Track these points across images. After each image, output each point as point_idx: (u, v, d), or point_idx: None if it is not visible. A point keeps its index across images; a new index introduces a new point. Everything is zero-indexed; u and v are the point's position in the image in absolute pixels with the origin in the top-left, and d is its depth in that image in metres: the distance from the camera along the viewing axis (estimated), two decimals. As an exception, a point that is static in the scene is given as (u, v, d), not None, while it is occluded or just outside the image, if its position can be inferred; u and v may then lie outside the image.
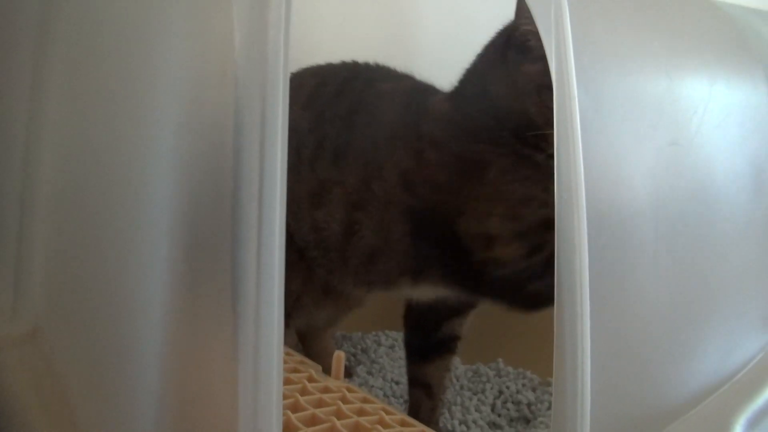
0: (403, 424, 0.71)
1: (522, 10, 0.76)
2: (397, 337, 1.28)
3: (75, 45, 0.49)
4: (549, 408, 1.05)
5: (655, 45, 0.72)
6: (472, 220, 0.79)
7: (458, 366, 1.19)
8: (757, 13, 1.06)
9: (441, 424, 0.99)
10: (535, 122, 0.75)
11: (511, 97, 0.79)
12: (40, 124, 0.49)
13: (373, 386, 1.10)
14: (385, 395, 1.08)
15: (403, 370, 1.12)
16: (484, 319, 1.19)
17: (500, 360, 1.19)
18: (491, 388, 1.11)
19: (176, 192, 0.44)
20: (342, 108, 0.89)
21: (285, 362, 0.82)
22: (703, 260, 0.74)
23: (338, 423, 0.67)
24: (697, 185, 0.73)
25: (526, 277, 0.79)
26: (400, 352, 1.22)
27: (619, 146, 0.64)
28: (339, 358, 0.81)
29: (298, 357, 0.87)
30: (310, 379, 0.78)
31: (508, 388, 1.11)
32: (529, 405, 1.07)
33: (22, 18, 0.54)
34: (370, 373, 1.14)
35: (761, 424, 0.74)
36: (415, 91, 0.90)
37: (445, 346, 0.95)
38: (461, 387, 1.12)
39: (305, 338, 1.12)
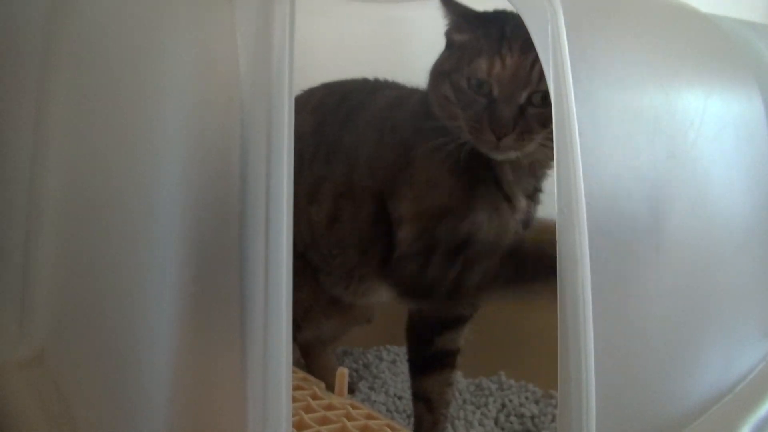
0: (408, 440, 0.71)
1: (447, 10, 0.79)
2: (399, 351, 1.28)
3: (78, 72, 0.49)
4: (552, 421, 1.05)
5: (651, 59, 0.73)
6: (396, 202, 0.82)
7: (460, 380, 1.18)
8: (750, 25, 1.08)
9: (445, 439, 0.99)
10: (433, 109, 0.79)
11: (428, 90, 0.82)
12: (45, 151, 0.49)
13: (375, 401, 1.09)
14: (387, 410, 1.08)
15: (406, 385, 1.12)
16: (484, 332, 1.18)
17: (502, 373, 1.19)
18: (494, 402, 1.11)
19: (184, 214, 0.44)
20: (342, 113, 0.92)
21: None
22: (702, 272, 0.75)
23: (344, 440, 0.67)
24: (696, 197, 0.74)
25: (411, 262, 0.81)
26: (402, 367, 1.21)
27: (618, 159, 0.65)
28: (342, 374, 0.81)
29: (301, 374, 0.87)
30: (314, 397, 0.78)
31: (510, 401, 1.11)
32: (532, 418, 1.07)
33: (27, 40, 0.54)
34: (372, 388, 1.14)
35: (765, 434, 0.74)
36: (408, 93, 0.92)
37: (442, 361, 0.95)
38: (464, 401, 1.12)
39: (308, 355, 1.12)
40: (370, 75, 1.01)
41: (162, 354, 0.44)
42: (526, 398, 1.12)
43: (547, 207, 0.83)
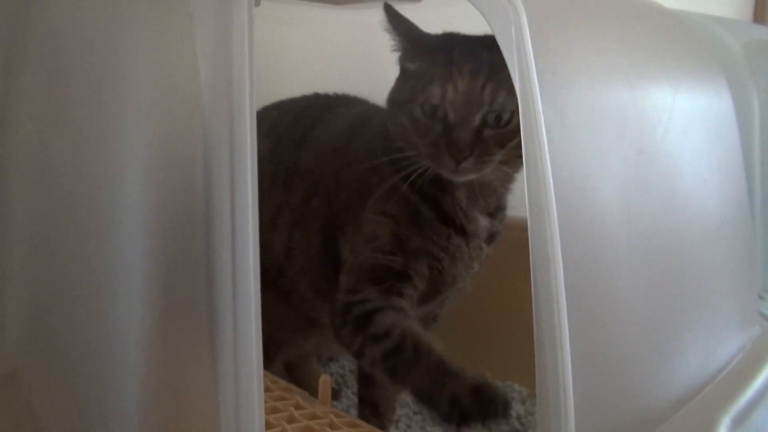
0: (390, 445, 0.71)
1: (397, 36, 0.78)
2: (385, 357, 1.27)
3: (40, 88, 0.49)
4: (539, 420, 1.05)
5: (617, 57, 0.74)
6: (343, 241, 0.81)
7: (447, 383, 1.18)
8: (716, 20, 1.09)
9: (431, 443, 0.99)
10: (395, 141, 0.77)
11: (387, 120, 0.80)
12: (9, 168, 0.49)
13: (362, 408, 1.09)
14: (374, 416, 1.08)
15: (392, 390, 1.12)
16: (469, 333, 1.19)
17: (488, 374, 1.19)
18: (480, 403, 1.11)
19: (149, 228, 0.44)
20: (297, 132, 0.91)
21: (271, 390, 0.82)
22: (677, 265, 0.75)
23: (326, 449, 0.67)
24: (667, 191, 0.75)
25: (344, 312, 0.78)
26: (388, 373, 1.21)
27: (587, 158, 0.65)
28: (325, 382, 0.81)
29: (284, 384, 0.87)
30: (297, 407, 0.78)
31: (497, 402, 1.11)
32: (518, 418, 1.07)
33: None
34: (357, 394, 1.14)
35: (745, 423, 0.75)
36: (368, 112, 0.91)
37: None
38: (450, 404, 1.12)
39: (292, 366, 1.11)
40: (347, 82, 1.01)
41: (133, 369, 0.44)
42: (512, 398, 1.12)
43: (520, 205, 0.83)
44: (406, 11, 1.19)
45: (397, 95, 0.79)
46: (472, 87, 0.71)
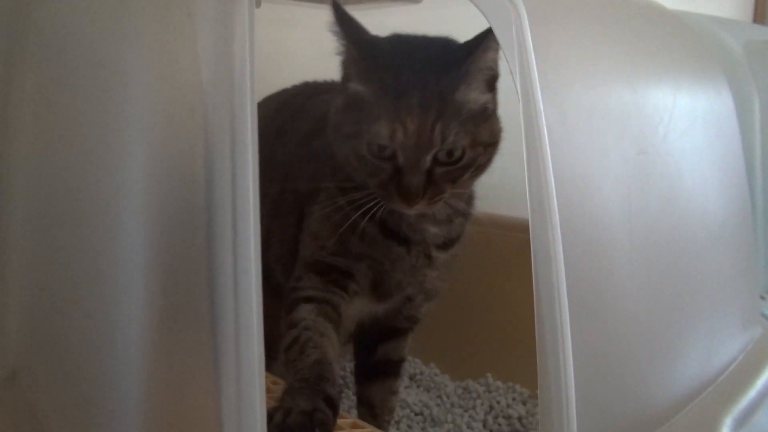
0: (392, 446, 0.71)
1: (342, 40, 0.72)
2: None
3: (42, 86, 0.49)
4: (540, 421, 1.05)
5: (618, 57, 0.74)
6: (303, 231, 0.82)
7: (448, 384, 1.19)
8: (716, 20, 1.09)
9: (433, 444, 0.99)
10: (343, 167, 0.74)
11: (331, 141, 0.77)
12: (10, 166, 0.49)
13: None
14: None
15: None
16: (471, 334, 1.19)
17: (489, 375, 1.19)
18: (482, 404, 1.11)
19: (150, 226, 0.44)
20: (278, 122, 0.91)
21: (272, 391, 0.82)
22: (678, 265, 0.75)
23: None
24: (668, 191, 0.75)
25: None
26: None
27: (588, 157, 0.65)
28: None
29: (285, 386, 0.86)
30: (298, 407, 0.78)
31: (498, 402, 1.11)
32: (520, 419, 1.07)
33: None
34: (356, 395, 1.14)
35: (747, 424, 0.75)
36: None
37: (385, 369, 0.95)
38: (452, 405, 1.12)
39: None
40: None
41: (134, 369, 0.44)
42: (514, 399, 1.12)
43: (521, 206, 0.83)
44: (406, 12, 1.19)
45: (340, 125, 0.73)
46: (422, 126, 0.66)
